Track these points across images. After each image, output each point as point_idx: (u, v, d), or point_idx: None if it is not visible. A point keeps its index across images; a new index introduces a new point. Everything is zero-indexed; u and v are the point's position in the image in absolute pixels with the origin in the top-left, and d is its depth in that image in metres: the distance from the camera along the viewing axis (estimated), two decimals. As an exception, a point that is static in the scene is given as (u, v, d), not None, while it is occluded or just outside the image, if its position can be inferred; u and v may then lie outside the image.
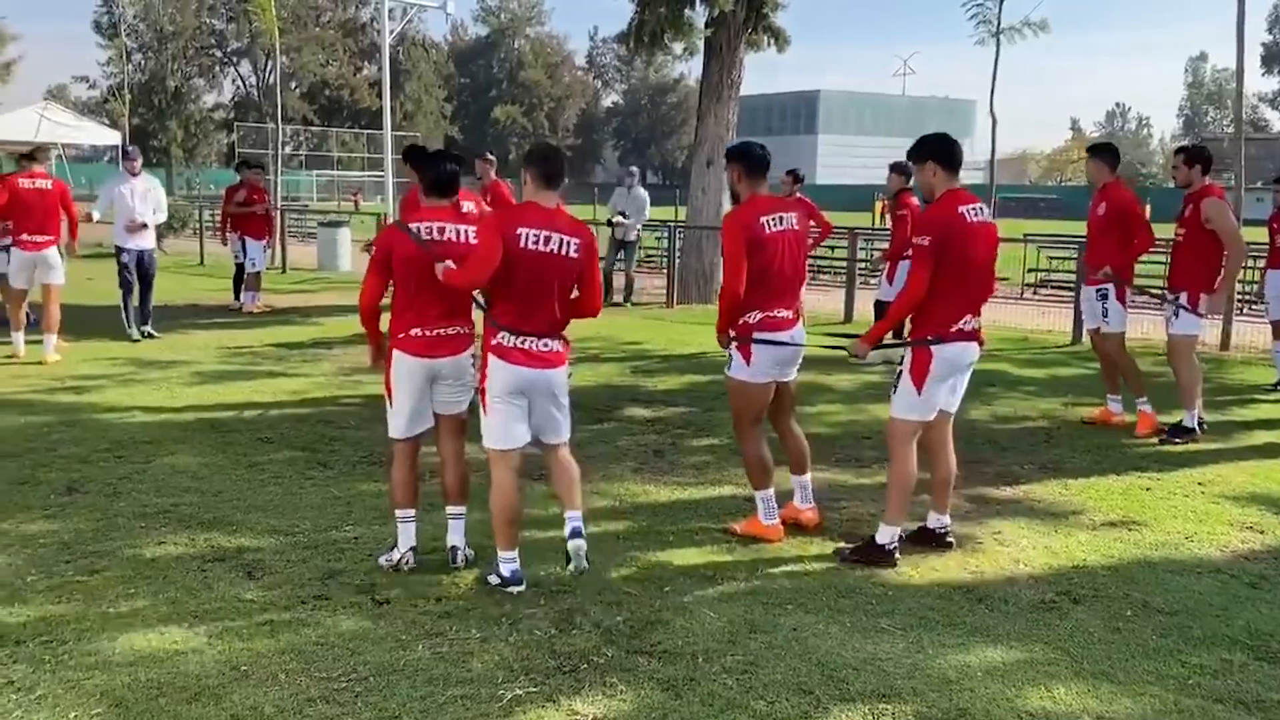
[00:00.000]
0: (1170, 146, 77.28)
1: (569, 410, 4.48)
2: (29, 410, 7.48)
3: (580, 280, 4.40)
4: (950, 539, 4.96)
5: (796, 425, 5.31)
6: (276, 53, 26.42)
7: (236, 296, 13.57)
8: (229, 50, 67.60)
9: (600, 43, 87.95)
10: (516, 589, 4.31)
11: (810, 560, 4.79)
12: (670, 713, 3.41)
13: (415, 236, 4.38)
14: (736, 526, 5.12)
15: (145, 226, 10.60)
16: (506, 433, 4.31)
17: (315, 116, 65.62)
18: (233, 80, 69.67)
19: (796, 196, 10.86)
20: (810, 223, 9.90)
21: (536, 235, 4.19)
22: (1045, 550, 4.97)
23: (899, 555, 4.72)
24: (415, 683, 3.57)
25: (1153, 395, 7.41)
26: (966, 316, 4.67)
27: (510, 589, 4.31)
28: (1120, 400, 7.54)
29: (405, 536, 4.61)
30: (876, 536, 4.75)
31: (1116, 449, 6.88)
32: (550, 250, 4.21)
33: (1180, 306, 7.14)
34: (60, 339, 9.69)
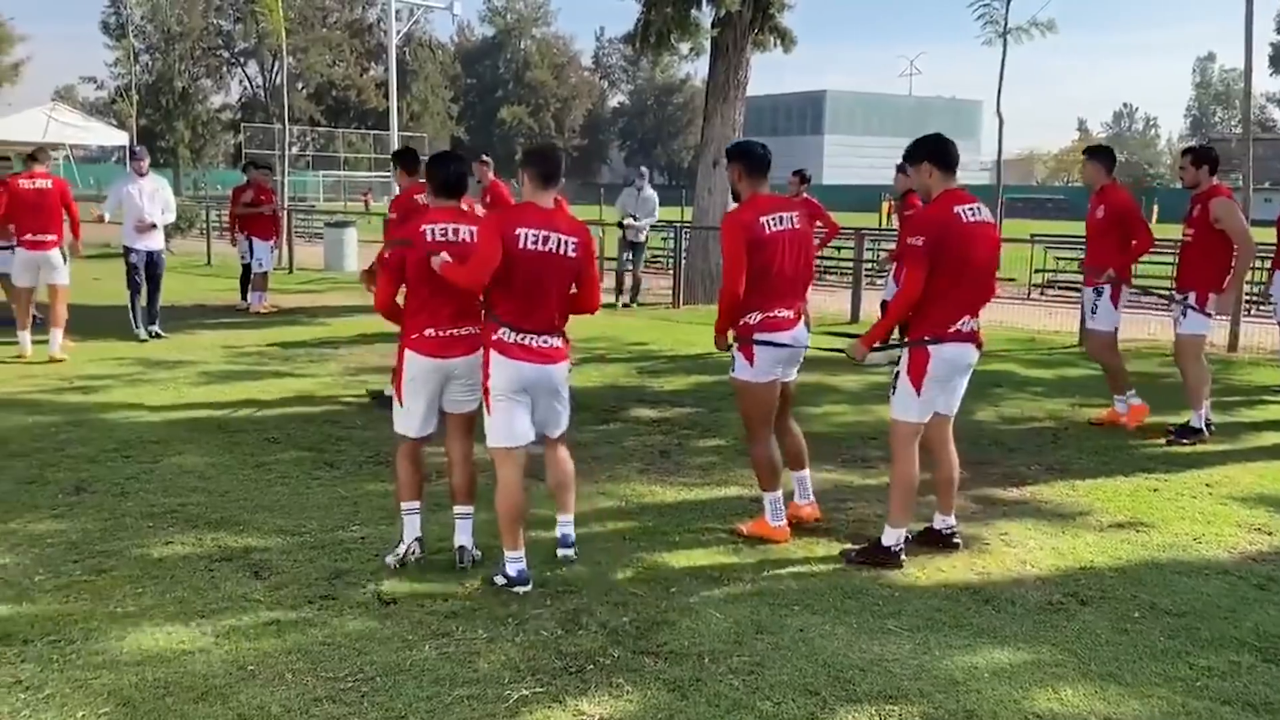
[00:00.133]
0: (1178, 147, 77.35)
1: (569, 404, 4.60)
2: (37, 410, 7.51)
3: (578, 278, 4.46)
4: (957, 539, 4.95)
5: (794, 423, 5.31)
6: (283, 53, 26.47)
7: (243, 297, 13.61)
8: (236, 51, 67.85)
9: (606, 43, 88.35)
10: (523, 589, 4.32)
11: (816, 561, 4.79)
12: (676, 713, 3.41)
13: (403, 244, 4.47)
14: (743, 527, 5.11)
15: (154, 227, 10.64)
16: (510, 430, 4.34)
17: (322, 117, 65.82)
18: (240, 81, 70.03)
19: (803, 197, 10.88)
20: (816, 223, 9.95)
21: (535, 235, 4.23)
22: (1052, 551, 4.96)
23: (905, 557, 4.71)
24: (421, 683, 3.58)
25: (1160, 396, 7.39)
26: (965, 318, 4.64)
27: (516, 588, 4.32)
28: (1125, 400, 7.51)
29: (410, 528, 4.67)
30: (882, 538, 4.74)
31: (1124, 450, 6.87)
32: (549, 250, 4.26)
33: (1188, 306, 7.13)
34: (67, 339, 9.73)
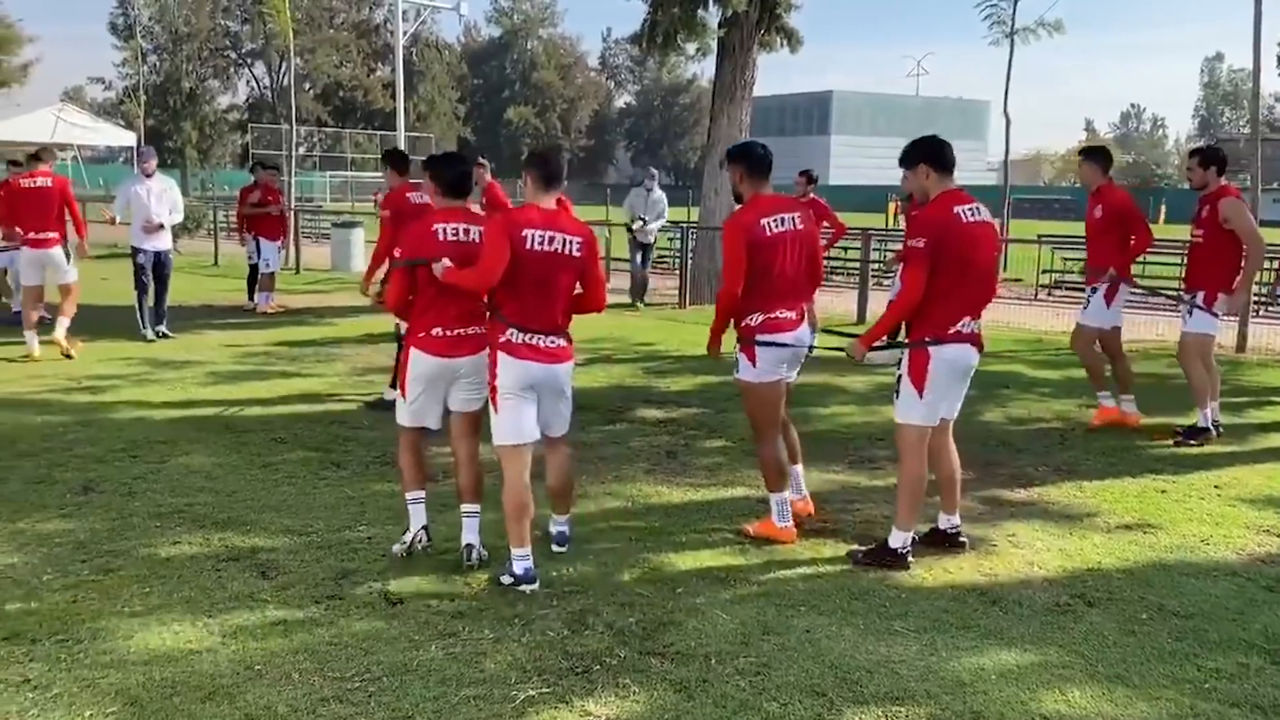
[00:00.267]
0: (1185, 147, 77.00)
1: (571, 404, 4.64)
2: (45, 410, 7.53)
3: (583, 278, 4.49)
4: (962, 539, 4.94)
5: (788, 418, 5.33)
6: (291, 54, 26.56)
7: (250, 297, 13.65)
8: (243, 52, 67.94)
9: (613, 44, 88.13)
10: (529, 587, 4.33)
11: (823, 563, 4.79)
12: (683, 714, 3.41)
13: (419, 263, 4.47)
14: (750, 528, 5.11)
15: (162, 227, 10.66)
16: (517, 427, 4.36)
17: (329, 118, 65.94)
18: (247, 82, 70.10)
19: (810, 197, 10.87)
20: (823, 224, 9.94)
21: (541, 236, 4.27)
22: (1060, 553, 4.95)
23: (912, 558, 4.71)
24: (428, 683, 3.58)
25: (1167, 398, 7.37)
26: (965, 318, 4.63)
27: (523, 587, 4.33)
28: (1133, 400, 7.50)
29: (416, 517, 4.72)
30: (889, 540, 4.74)
31: (1131, 451, 6.85)
32: (554, 250, 4.29)
33: (1194, 305, 7.10)
34: (75, 339, 9.75)
